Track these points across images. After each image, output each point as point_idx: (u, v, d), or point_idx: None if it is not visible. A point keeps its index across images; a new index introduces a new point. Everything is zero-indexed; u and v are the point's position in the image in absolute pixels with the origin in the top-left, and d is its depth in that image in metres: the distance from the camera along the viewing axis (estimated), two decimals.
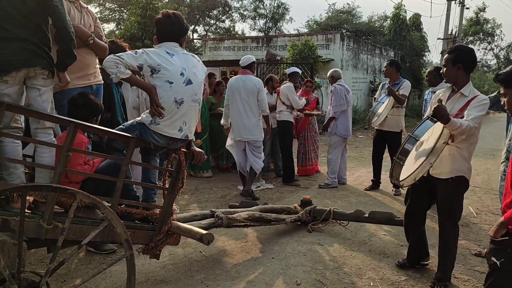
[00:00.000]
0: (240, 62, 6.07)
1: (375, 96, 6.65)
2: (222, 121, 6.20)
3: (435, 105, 2.95)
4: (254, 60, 6.11)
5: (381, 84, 6.64)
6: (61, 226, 2.42)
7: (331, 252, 3.97)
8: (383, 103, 5.94)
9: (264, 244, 4.18)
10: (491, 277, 2.17)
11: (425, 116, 3.28)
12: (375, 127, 6.28)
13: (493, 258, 2.12)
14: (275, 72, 13.57)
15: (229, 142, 6.11)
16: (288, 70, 7.26)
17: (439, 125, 3.06)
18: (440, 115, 2.92)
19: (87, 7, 3.64)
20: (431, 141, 3.14)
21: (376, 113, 6.00)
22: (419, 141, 3.06)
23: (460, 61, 3.14)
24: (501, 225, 2.10)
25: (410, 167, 3.18)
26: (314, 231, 4.50)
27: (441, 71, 3.26)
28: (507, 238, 2.06)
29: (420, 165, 3.17)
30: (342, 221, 4.64)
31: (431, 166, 3.19)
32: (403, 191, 3.67)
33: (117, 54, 2.78)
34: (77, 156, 2.85)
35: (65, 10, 2.74)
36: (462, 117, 3.07)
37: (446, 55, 3.25)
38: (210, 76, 7.96)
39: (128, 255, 2.45)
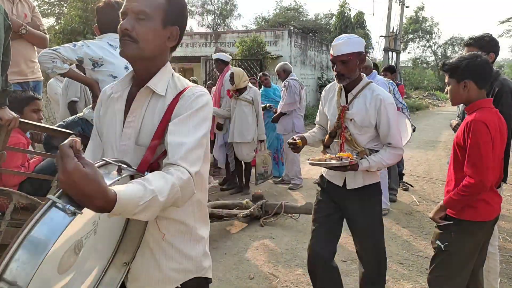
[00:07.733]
0: (226, 60, 6.33)
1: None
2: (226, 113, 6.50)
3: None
4: None
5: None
6: None
7: (283, 245, 4.01)
8: None
9: (217, 240, 4.14)
10: (436, 260, 2.28)
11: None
12: None
13: (437, 242, 2.23)
14: None
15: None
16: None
17: None
18: None
19: None
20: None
21: None
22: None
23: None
24: (441, 208, 2.23)
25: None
26: (266, 225, 4.53)
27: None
28: (451, 222, 2.17)
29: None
30: (293, 214, 4.70)
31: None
32: None
33: (53, 48, 2.62)
34: (12, 158, 2.66)
35: None
36: None
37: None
38: None
39: None
